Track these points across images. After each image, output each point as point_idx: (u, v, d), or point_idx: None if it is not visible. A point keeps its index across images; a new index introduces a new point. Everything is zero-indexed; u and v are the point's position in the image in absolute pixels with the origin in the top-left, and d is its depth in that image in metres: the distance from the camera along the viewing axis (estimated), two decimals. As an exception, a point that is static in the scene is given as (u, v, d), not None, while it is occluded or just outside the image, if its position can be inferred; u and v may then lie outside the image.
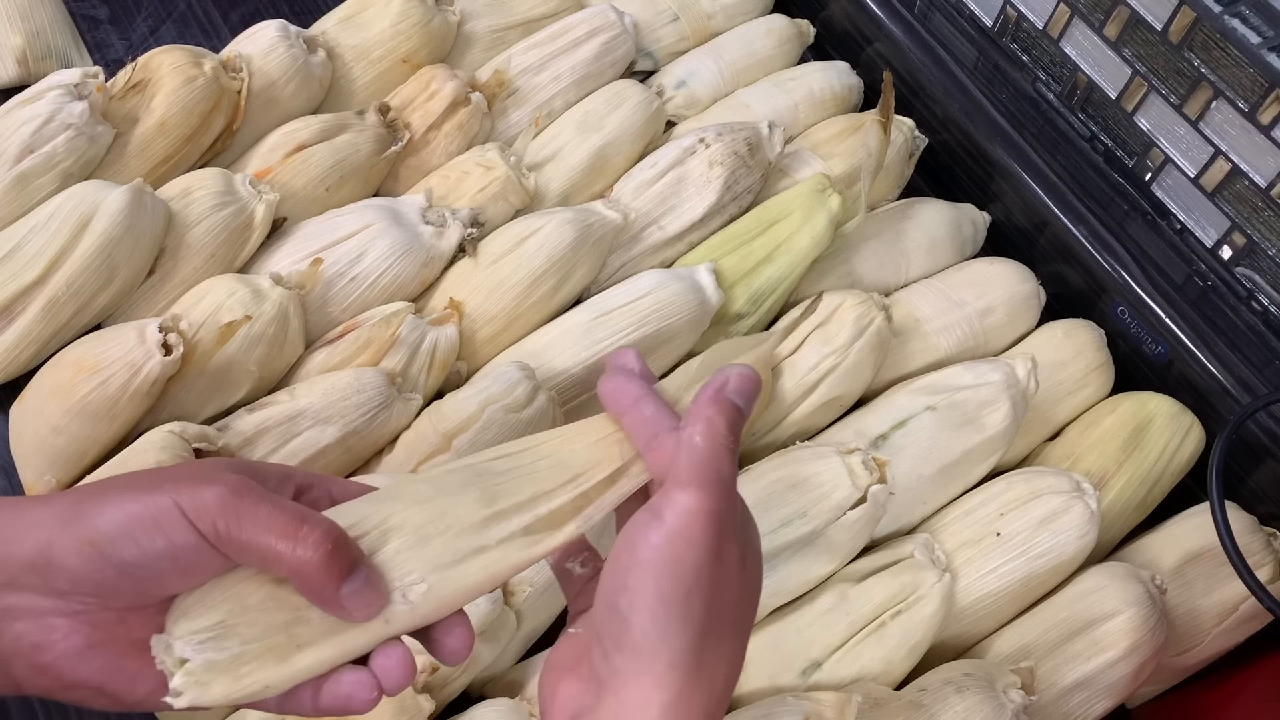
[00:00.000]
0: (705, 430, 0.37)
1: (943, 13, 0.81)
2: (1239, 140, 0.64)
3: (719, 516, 0.36)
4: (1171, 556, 0.63)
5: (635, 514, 0.37)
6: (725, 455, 0.37)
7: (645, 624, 0.35)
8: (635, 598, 0.35)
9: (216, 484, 0.35)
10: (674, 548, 0.35)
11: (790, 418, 0.66)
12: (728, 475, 0.37)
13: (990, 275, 0.73)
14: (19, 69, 0.78)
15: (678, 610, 0.35)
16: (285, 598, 0.36)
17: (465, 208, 0.70)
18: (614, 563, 0.36)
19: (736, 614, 0.37)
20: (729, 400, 0.38)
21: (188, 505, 0.34)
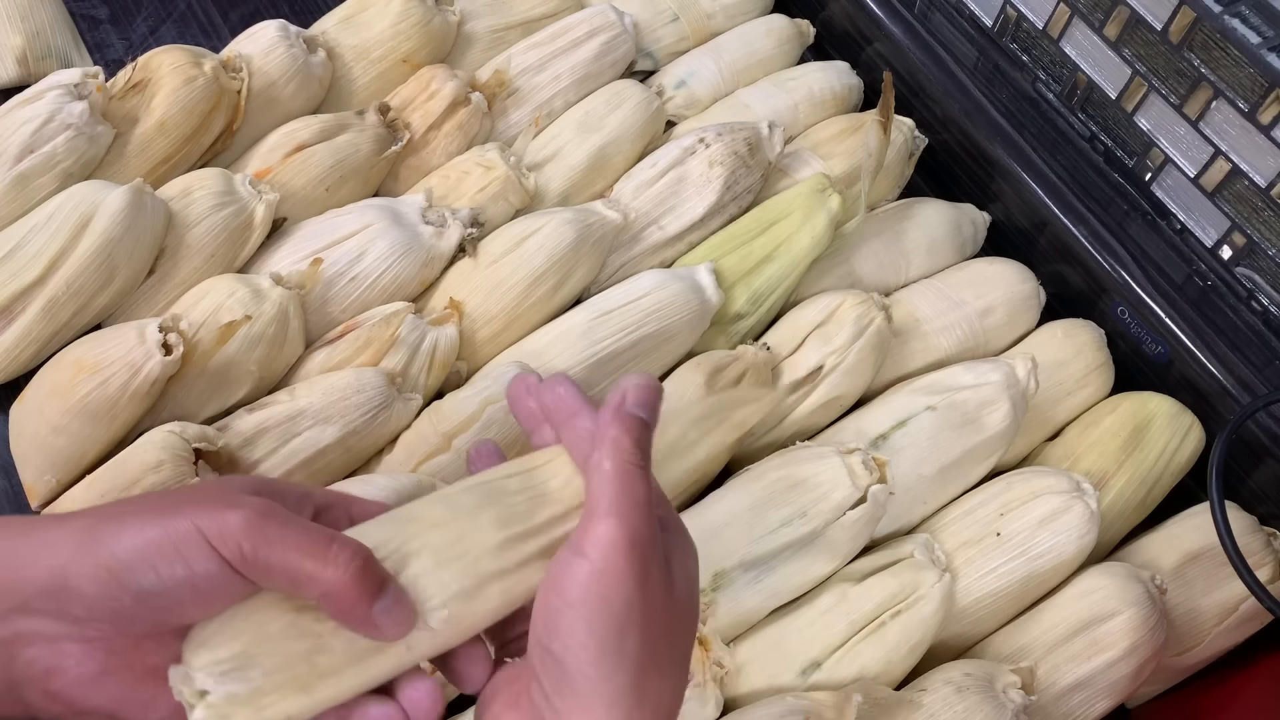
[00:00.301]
0: (611, 452, 0.36)
1: (943, 13, 0.81)
2: (1239, 140, 0.64)
3: (639, 544, 0.35)
4: (1171, 556, 0.63)
5: (559, 550, 0.36)
6: (635, 475, 0.36)
7: (582, 666, 0.34)
8: (569, 640, 0.34)
9: (240, 507, 0.34)
10: (601, 585, 0.34)
11: (790, 418, 0.66)
12: (641, 497, 0.36)
13: (990, 275, 0.73)
14: (19, 69, 0.78)
15: (612, 648, 0.34)
16: (307, 625, 0.35)
17: (465, 208, 0.70)
18: (543, 604, 0.35)
19: (672, 641, 0.37)
20: (630, 415, 0.37)
21: (211, 531, 0.33)
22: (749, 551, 0.58)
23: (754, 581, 0.58)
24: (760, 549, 0.58)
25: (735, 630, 0.58)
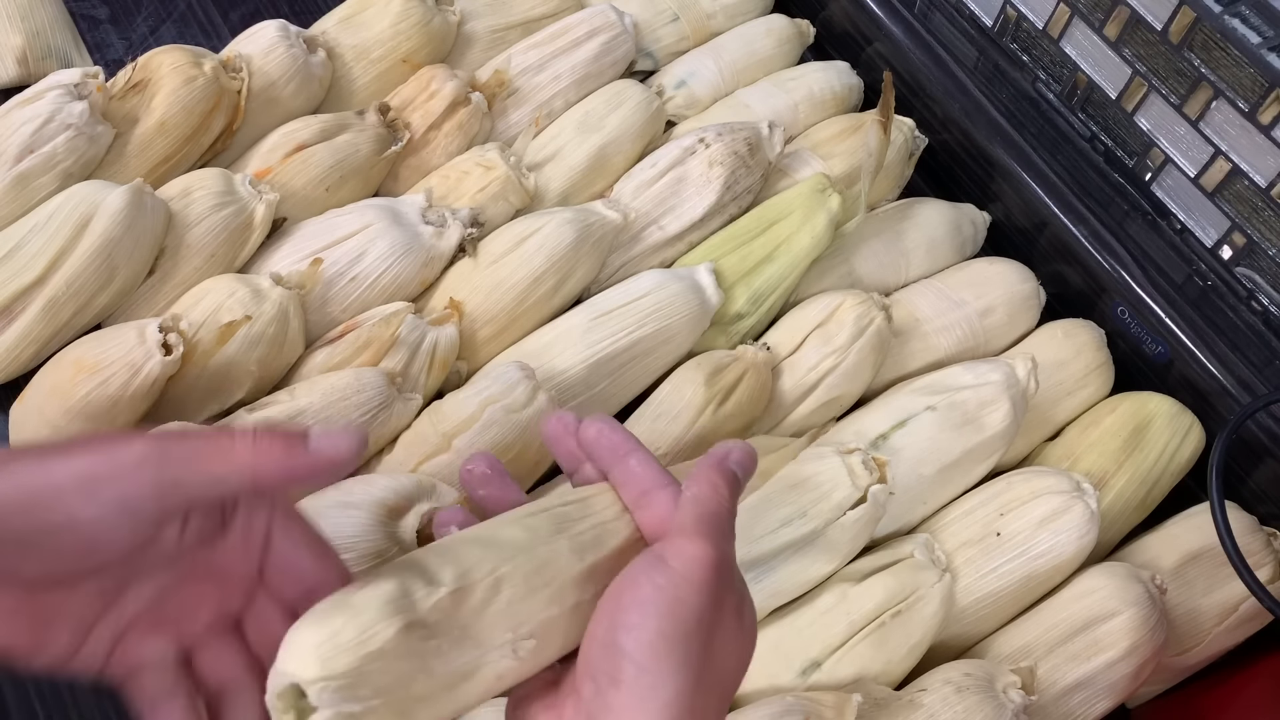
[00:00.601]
0: (710, 490, 0.38)
1: (943, 13, 0.81)
2: (1239, 140, 0.64)
3: (722, 567, 0.36)
4: (1171, 556, 0.63)
5: (636, 559, 0.37)
6: (728, 514, 0.38)
7: (645, 660, 0.34)
8: (636, 634, 0.35)
9: (137, 438, 0.33)
10: (678, 589, 0.35)
11: (790, 418, 0.66)
12: (729, 531, 0.38)
13: (990, 275, 0.73)
14: (19, 69, 0.78)
15: (678, 651, 0.35)
16: (413, 644, 0.33)
17: (465, 208, 0.70)
18: (613, 600, 0.36)
19: (728, 668, 0.37)
20: (731, 470, 0.40)
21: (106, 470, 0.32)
22: (749, 551, 0.58)
23: (754, 581, 0.58)
24: (760, 549, 0.58)
25: (735, 630, 0.58)
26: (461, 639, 0.35)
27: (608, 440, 0.41)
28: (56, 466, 0.32)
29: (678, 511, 0.38)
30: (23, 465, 0.32)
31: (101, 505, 0.32)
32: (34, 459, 0.32)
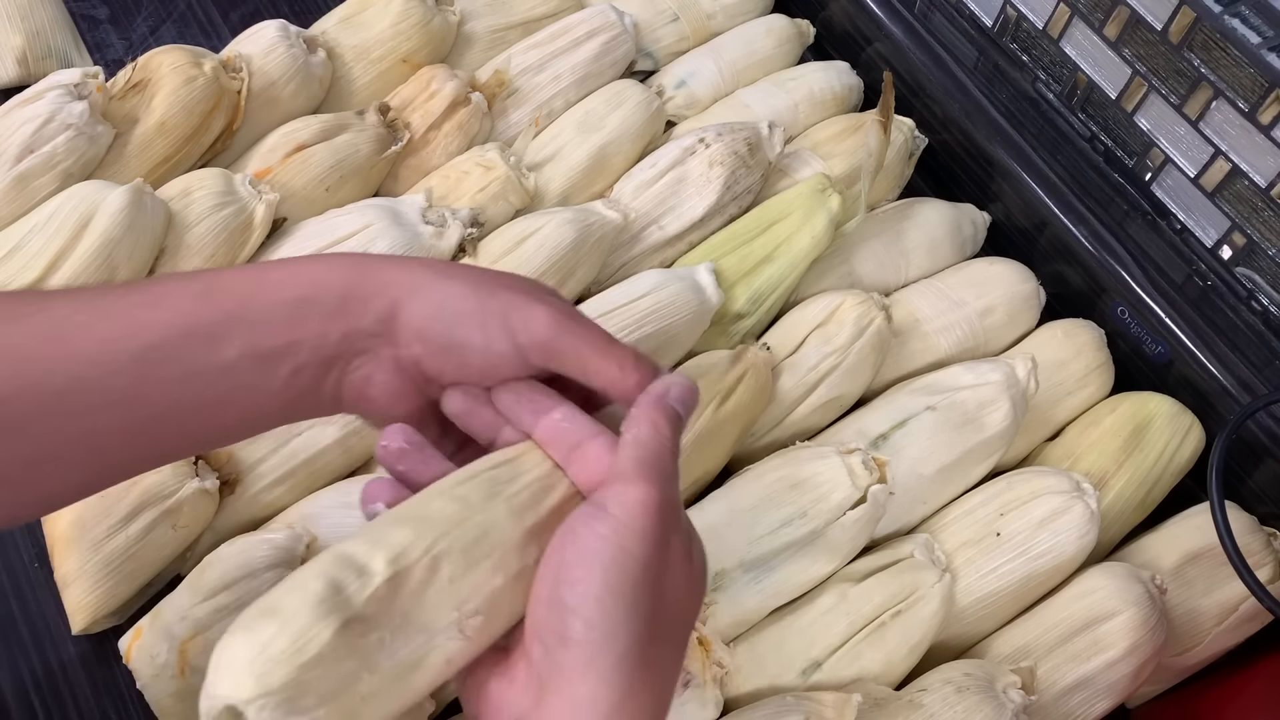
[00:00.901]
0: (650, 430, 0.38)
1: (943, 13, 0.81)
2: (1239, 140, 0.64)
3: (665, 509, 0.35)
4: (1171, 556, 0.63)
5: (576, 510, 0.36)
6: (670, 454, 0.37)
7: (593, 615, 0.33)
8: (581, 589, 0.34)
9: (546, 304, 0.40)
10: (621, 538, 0.34)
11: (790, 418, 0.66)
12: (670, 473, 0.37)
13: (990, 275, 0.73)
14: (19, 69, 0.78)
15: (625, 603, 0.34)
16: (353, 642, 0.32)
17: (465, 208, 0.70)
18: (556, 555, 0.35)
19: (680, 614, 0.37)
20: (671, 406, 0.39)
21: (517, 316, 0.40)
22: (749, 551, 0.58)
23: (754, 582, 0.58)
24: (760, 549, 0.58)
25: (735, 630, 0.58)
26: (404, 626, 0.33)
27: (528, 400, 0.40)
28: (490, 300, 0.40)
29: (618, 455, 0.37)
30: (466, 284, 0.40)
31: (509, 346, 0.40)
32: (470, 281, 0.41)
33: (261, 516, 0.62)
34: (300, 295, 0.40)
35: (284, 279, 0.40)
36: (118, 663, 0.57)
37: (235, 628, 0.32)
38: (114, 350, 0.37)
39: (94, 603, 0.58)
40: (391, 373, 0.41)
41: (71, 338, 0.37)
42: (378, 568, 0.33)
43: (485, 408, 0.41)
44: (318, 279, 0.40)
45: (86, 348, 0.37)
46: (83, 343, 0.37)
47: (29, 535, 0.62)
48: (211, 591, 0.56)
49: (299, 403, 0.41)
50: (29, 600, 0.61)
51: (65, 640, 0.59)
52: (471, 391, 0.41)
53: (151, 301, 0.39)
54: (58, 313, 0.37)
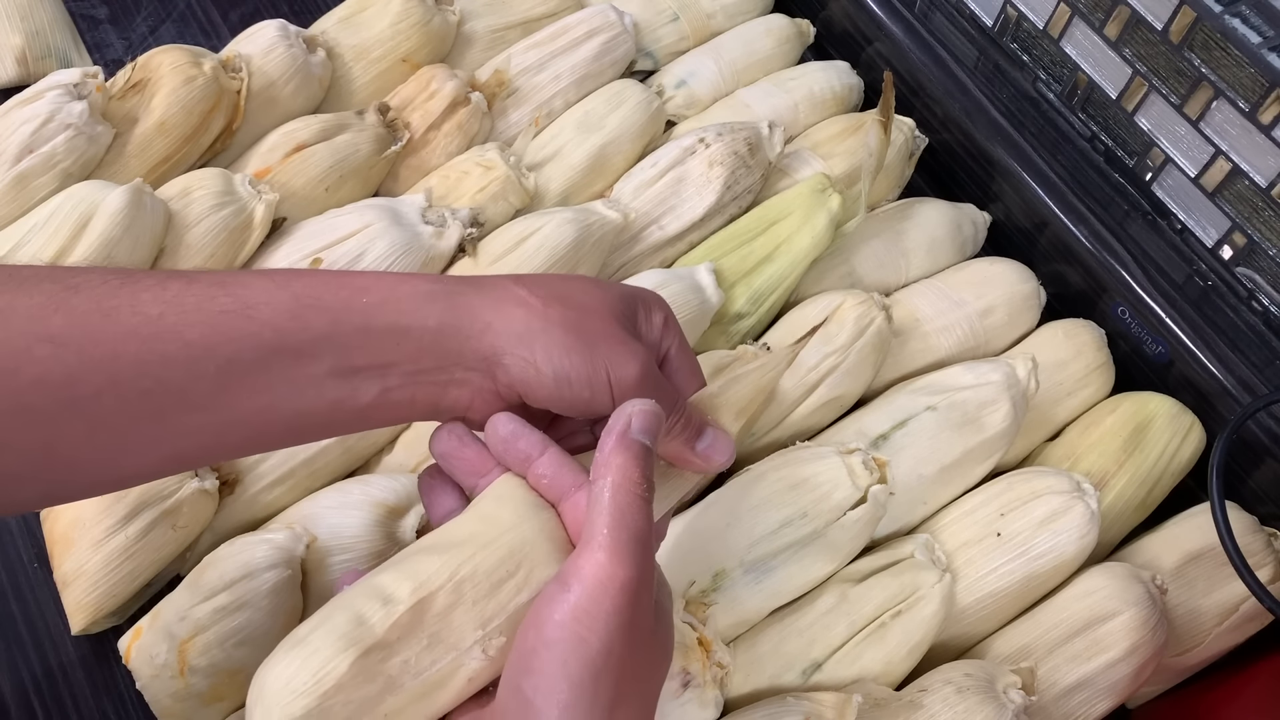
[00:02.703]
0: (615, 482, 0.36)
1: (943, 12, 0.81)
2: (1239, 140, 0.64)
3: (629, 585, 0.34)
4: (1172, 556, 0.63)
5: (546, 586, 0.35)
6: (637, 507, 0.36)
7: (552, 711, 0.33)
8: (540, 681, 0.33)
9: (638, 361, 0.41)
10: (580, 626, 0.33)
11: (790, 418, 0.66)
12: (641, 531, 0.35)
13: (990, 275, 0.73)
14: (18, 69, 0.77)
15: (586, 694, 0.33)
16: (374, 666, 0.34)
17: (465, 208, 0.70)
18: (521, 640, 0.35)
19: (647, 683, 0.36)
20: (637, 441, 0.37)
21: (615, 378, 0.40)
22: (749, 552, 0.58)
23: (754, 582, 0.58)
24: (760, 549, 0.58)
25: (735, 631, 0.58)
26: (430, 648, 0.35)
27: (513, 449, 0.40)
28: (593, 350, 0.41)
29: (587, 515, 0.36)
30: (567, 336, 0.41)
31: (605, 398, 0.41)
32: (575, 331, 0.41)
33: (261, 516, 0.62)
34: (394, 324, 0.40)
35: (378, 303, 0.40)
36: (117, 663, 0.57)
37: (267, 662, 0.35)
38: (201, 358, 0.38)
39: (93, 603, 0.58)
40: (491, 397, 0.42)
41: (160, 340, 0.37)
42: (402, 596, 0.35)
43: (469, 449, 0.41)
44: (412, 308, 0.40)
45: (175, 353, 0.37)
46: (171, 348, 0.37)
47: (29, 535, 0.62)
48: (211, 591, 0.55)
49: (391, 413, 0.41)
50: (29, 600, 0.61)
51: (65, 640, 0.59)
52: (456, 432, 0.41)
53: (240, 309, 0.39)
54: (148, 311, 0.38)
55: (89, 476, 0.39)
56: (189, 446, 0.39)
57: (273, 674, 0.34)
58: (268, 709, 0.33)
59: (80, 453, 0.37)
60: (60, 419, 0.36)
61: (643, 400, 0.39)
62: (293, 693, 0.33)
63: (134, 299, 0.38)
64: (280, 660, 0.35)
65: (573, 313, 0.41)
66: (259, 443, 0.41)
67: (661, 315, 0.46)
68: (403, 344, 0.40)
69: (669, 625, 0.38)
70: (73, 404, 0.36)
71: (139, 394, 0.37)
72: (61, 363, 0.36)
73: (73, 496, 0.42)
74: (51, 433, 0.36)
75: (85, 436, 0.37)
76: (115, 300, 0.38)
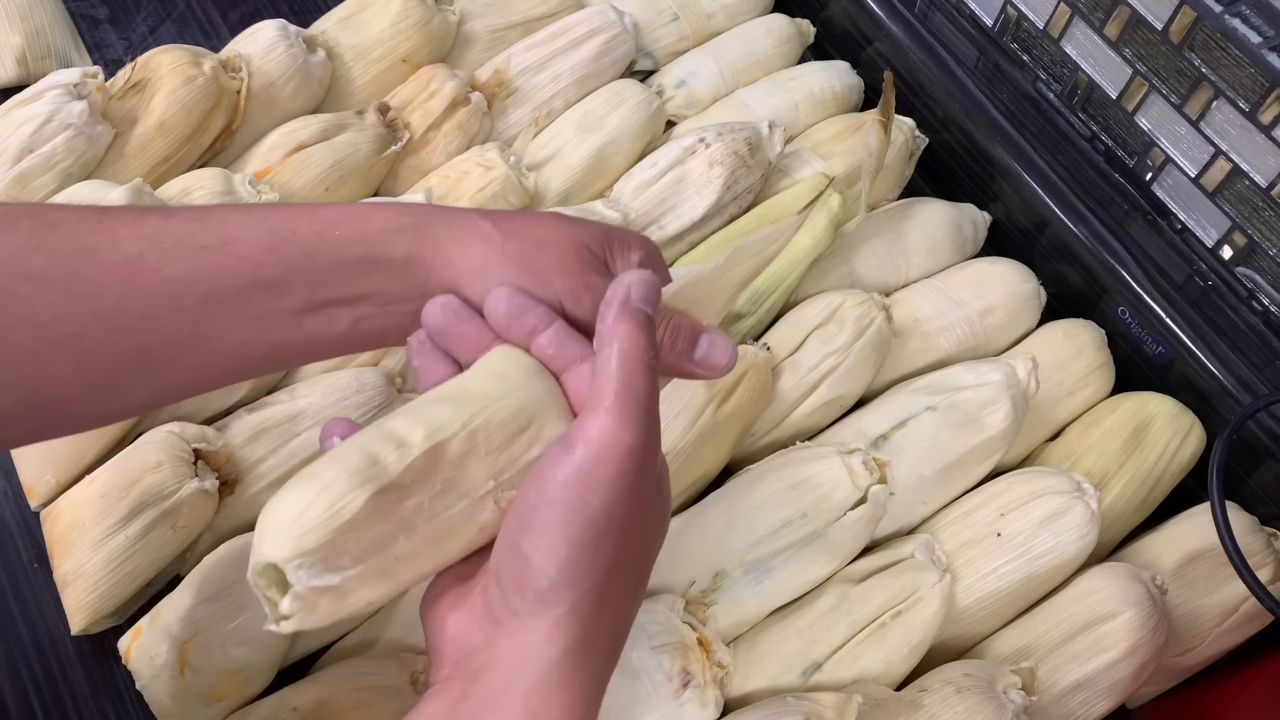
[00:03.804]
0: (621, 349, 0.35)
1: (943, 12, 0.81)
2: (1240, 140, 0.64)
3: (635, 450, 0.34)
4: (1172, 557, 0.63)
5: (550, 447, 0.35)
6: (642, 374, 0.35)
7: (550, 569, 0.33)
8: (540, 540, 0.33)
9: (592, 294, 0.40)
10: (583, 488, 0.33)
11: (790, 418, 0.66)
12: (645, 396, 0.35)
13: (990, 275, 0.73)
14: (18, 69, 0.77)
15: (586, 555, 0.33)
16: (389, 507, 0.34)
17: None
18: (522, 499, 0.35)
19: (642, 551, 0.37)
20: (639, 310, 0.37)
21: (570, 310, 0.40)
22: (749, 552, 0.58)
23: (754, 582, 0.58)
24: (761, 550, 0.58)
25: (735, 631, 0.58)
26: (443, 494, 0.35)
27: (519, 325, 0.39)
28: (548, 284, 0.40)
29: (593, 382, 0.35)
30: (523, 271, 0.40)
31: None
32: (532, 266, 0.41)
33: (261, 517, 0.61)
34: (364, 255, 0.40)
35: (349, 235, 0.41)
36: (117, 663, 0.57)
37: (279, 493, 0.34)
38: (181, 293, 0.38)
39: (93, 603, 0.58)
40: None
41: (141, 277, 0.38)
42: (416, 440, 0.35)
43: (467, 324, 0.40)
44: (381, 240, 0.41)
45: (155, 288, 0.38)
46: (151, 282, 0.38)
47: (29, 535, 0.62)
48: (211, 592, 0.56)
49: (363, 341, 0.42)
50: (29, 600, 0.61)
51: (65, 640, 0.59)
52: (451, 306, 0.40)
53: (218, 245, 0.39)
54: (127, 249, 0.38)
55: (77, 412, 0.40)
56: (173, 380, 0.40)
57: (285, 505, 0.33)
58: (278, 541, 0.33)
59: (67, 389, 0.38)
60: (46, 357, 0.37)
61: (639, 270, 0.38)
62: (304, 526, 0.33)
63: (113, 236, 0.38)
64: (293, 492, 0.34)
65: (530, 247, 0.41)
66: (239, 373, 0.42)
67: (640, 253, 0.44)
68: (372, 275, 0.40)
69: (667, 497, 0.39)
70: (59, 342, 0.37)
71: (123, 330, 0.38)
72: (45, 301, 0.37)
73: (62, 432, 0.42)
74: (38, 370, 0.37)
75: (72, 373, 0.37)
76: (95, 238, 0.38)
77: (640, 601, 0.38)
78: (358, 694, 0.53)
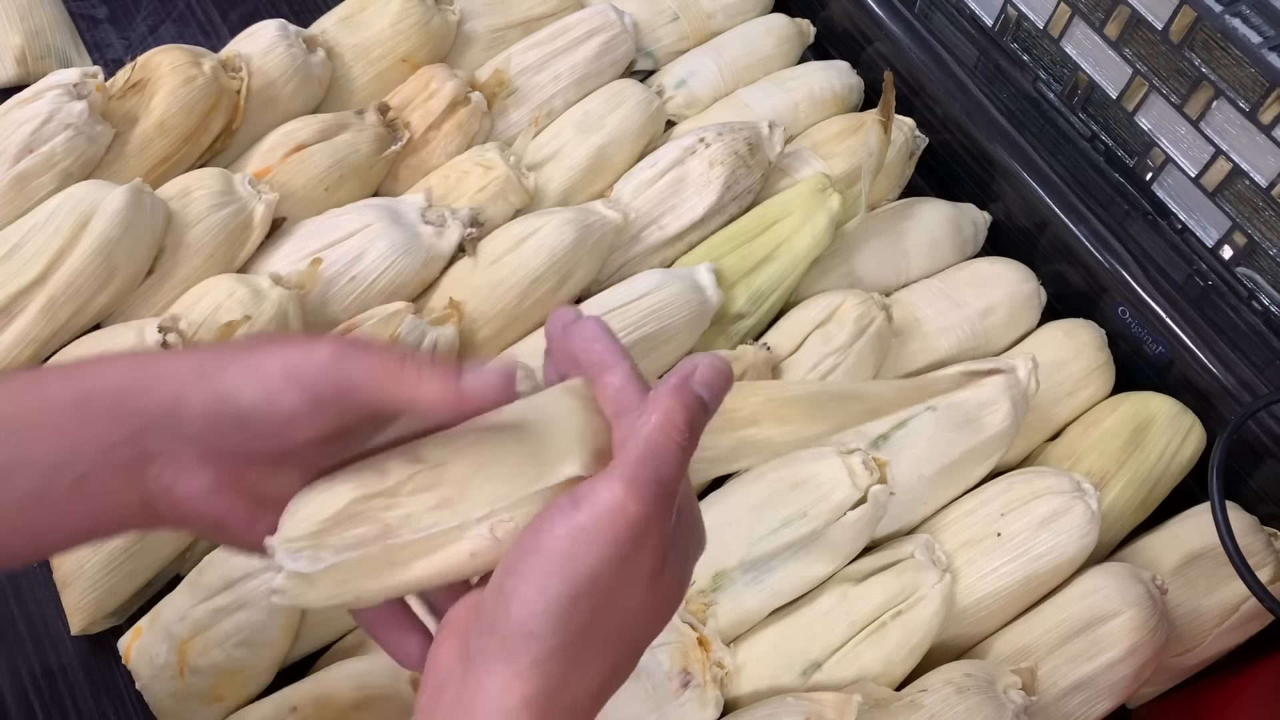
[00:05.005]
0: (658, 422, 0.35)
1: (943, 12, 0.81)
2: (1240, 140, 0.64)
3: (640, 523, 0.33)
4: (1172, 557, 0.63)
5: (559, 498, 0.35)
6: (672, 453, 0.34)
7: (521, 615, 0.33)
8: (521, 584, 0.33)
9: (325, 344, 0.37)
10: (575, 545, 0.33)
11: (790, 418, 0.66)
12: (668, 476, 0.34)
13: (991, 275, 0.73)
14: (18, 68, 0.77)
15: (558, 611, 0.33)
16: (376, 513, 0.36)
17: (465, 207, 0.70)
18: (518, 542, 0.34)
19: (631, 625, 0.35)
20: (693, 391, 0.35)
21: (300, 363, 0.37)
22: (749, 552, 0.58)
23: (754, 582, 0.58)
24: (761, 549, 0.58)
25: (735, 630, 0.58)
26: (439, 509, 0.36)
27: (595, 355, 0.37)
28: (266, 357, 0.37)
29: (624, 445, 0.35)
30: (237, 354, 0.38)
31: (297, 395, 0.36)
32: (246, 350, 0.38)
33: (261, 517, 0.61)
34: (75, 395, 0.37)
35: (59, 379, 0.38)
36: (117, 663, 0.57)
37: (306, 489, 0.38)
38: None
39: (93, 603, 0.58)
40: (197, 472, 0.38)
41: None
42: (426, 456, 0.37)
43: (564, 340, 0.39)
44: (92, 378, 0.38)
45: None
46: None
47: (28, 535, 0.62)
48: (211, 592, 0.55)
49: (100, 515, 0.38)
50: (28, 600, 0.60)
51: (65, 640, 0.59)
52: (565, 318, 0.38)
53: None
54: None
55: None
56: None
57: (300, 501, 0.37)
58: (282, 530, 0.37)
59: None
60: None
61: (714, 354, 0.37)
62: (299, 519, 0.36)
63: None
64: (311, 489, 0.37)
65: (263, 340, 0.39)
66: None
67: None
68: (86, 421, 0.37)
69: (678, 582, 0.37)
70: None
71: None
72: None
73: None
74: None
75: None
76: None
77: (623, 676, 0.36)
78: (358, 694, 0.53)
